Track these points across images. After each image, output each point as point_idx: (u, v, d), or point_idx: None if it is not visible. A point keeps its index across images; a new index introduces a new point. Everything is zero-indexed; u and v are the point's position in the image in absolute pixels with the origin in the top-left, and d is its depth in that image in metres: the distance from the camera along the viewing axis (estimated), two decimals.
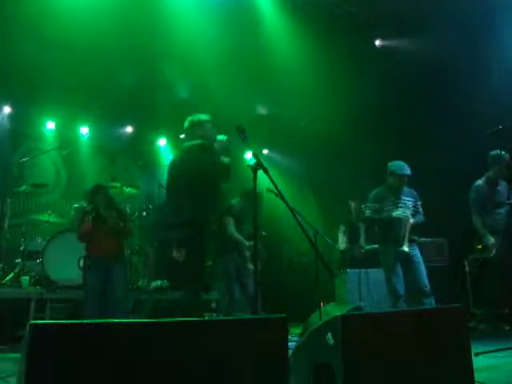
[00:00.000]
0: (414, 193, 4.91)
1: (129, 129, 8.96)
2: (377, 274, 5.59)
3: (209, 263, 7.32)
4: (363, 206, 4.97)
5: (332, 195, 8.51)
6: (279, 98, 8.03)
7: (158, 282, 6.29)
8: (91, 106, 7.63)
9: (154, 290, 6.16)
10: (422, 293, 4.52)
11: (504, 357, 3.74)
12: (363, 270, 5.61)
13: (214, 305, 6.48)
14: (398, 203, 4.75)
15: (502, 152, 4.77)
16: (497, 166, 4.93)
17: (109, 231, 4.81)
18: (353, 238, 6.75)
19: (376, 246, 5.91)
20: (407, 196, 4.81)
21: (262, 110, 8.55)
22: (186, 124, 4.05)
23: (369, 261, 5.74)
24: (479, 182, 5.14)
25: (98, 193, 4.94)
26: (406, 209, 4.72)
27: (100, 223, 4.79)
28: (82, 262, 5.55)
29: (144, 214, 6.71)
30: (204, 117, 4.05)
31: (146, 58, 6.82)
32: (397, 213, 4.67)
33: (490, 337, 4.76)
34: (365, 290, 5.51)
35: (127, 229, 5.04)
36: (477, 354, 3.60)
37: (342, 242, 6.66)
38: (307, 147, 8.95)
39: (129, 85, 6.95)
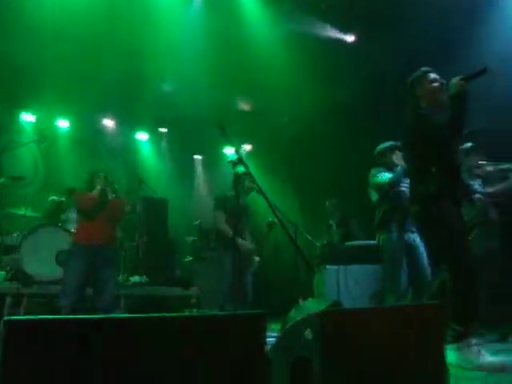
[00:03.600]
0: None
1: (109, 122, 8.88)
2: (356, 270, 5.64)
3: (188, 259, 7.33)
4: None
5: (315, 191, 8.54)
6: (262, 94, 8.02)
7: (137, 278, 6.24)
8: (71, 98, 7.52)
9: (132, 285, 6.11)
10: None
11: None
12: (342, 267, 5.63)
13: (194, 300, 6.47)
14: None
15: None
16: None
17: (109, 216, 4.59)
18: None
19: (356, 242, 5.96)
20: None
21: (244, 106, 8.52)
22: None
23: (348, 257, 5.77)
24: None
25: (98, 176, 4.66)
26: None
27: (102, 206, 4.52)
28: (60, 257, 5.48)
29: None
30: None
31: (129, 51, 6.73)
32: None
33: None
34: (343, 286, 5.54)
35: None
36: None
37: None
38: (290, 143, 8.98)
39: (110, 78, 6.86)
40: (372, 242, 5.99)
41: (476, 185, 4.91)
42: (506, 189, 4.71)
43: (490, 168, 4.91)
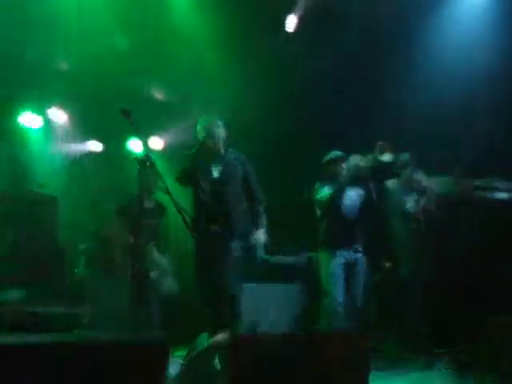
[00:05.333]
0: None
1: None
2: (275, 289, 5.64)
3: (80, 269, 6.99)
4: None
5: None
6: (177, 85, 7.92)
7: (14, 293, 5.87)
8: None
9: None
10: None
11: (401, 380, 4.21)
12: (261, 285, 5.58)
13: (86, 320, 6.17)
14: None
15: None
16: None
17: None
18: None
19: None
20: None
21: (157, 94, 8.33)
22: None
23: (268, 275, 5.74)
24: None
25: None
26: None
27: None
28: None
29: None
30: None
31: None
32: None
33: (389, 360, 5.03)
34: (262, 307, 5.49)
35: None
36: None
37: None
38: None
39: None
40: (290, 257, 6.03)
41: (409, 202, 5.10)
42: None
43: (425, 182, 5.15)
